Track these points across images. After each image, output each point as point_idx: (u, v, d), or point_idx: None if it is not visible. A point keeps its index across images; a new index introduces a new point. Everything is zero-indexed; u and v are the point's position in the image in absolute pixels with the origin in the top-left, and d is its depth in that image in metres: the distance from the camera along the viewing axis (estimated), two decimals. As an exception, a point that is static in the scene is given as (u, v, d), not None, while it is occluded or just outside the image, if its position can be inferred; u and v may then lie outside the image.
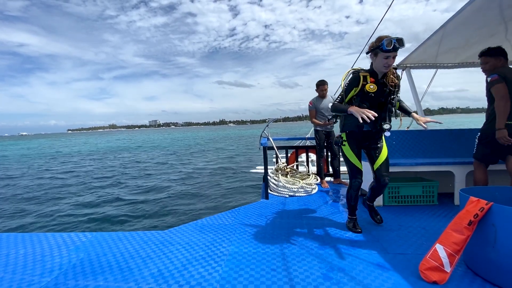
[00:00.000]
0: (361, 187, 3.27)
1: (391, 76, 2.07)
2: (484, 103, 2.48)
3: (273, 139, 4.47)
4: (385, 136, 2.12)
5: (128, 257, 1.89)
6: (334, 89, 5.06)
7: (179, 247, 2.03)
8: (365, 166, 3.08)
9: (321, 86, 3.82)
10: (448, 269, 1.47)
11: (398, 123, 4.64)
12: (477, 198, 1.49)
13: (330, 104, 3.86)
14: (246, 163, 12.82)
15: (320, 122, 3.88)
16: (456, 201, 2.89)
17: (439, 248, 1.52)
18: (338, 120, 3.29)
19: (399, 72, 4.34)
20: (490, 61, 2.35)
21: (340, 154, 3.98)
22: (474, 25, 2.75)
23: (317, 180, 3.90)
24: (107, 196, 7.29)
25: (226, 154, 16.84)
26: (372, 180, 2.30)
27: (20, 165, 15.24)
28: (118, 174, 10.94)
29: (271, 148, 4.30)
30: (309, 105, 3.96)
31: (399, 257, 1.79)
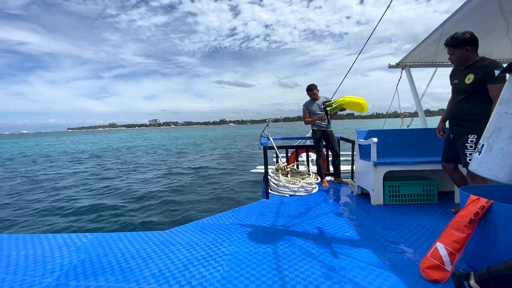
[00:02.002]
0: (362, 186, 3.31)
1: None
2: None
3: (273, 139, 4.47)
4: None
5: (129, 257, 1.89)
6: (333, 89, 5.13)
7: (180, 247, 2.03)
8: (366, 165, 3.10)
9: (310, 91, 3.99)
10: (449, 267, 1.47)
11: (399, 122, 4.66)
12: (478, 197, 1.49)
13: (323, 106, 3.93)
14: (246, 162, 12.82)
15: (310, 119, 4.02)
16: (457, 199, 2.89)
17: (440, 247, 1.52)
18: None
19: (398, 70, 4.33)
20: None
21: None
22: (473, 22, 2.75)
23: (318, 179, 3.91)
24: (107, 197, 7.29)
25: (226, 154, 16.85)
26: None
27: (19, 163, 15.26)
28: (118, 174, 10.94)
29: (271, 147, 4.30)
30: (302, 107, 4.14)
31: (400, 256, 1.79)
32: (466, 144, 2.13)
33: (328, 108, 3.66)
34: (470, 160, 2.07)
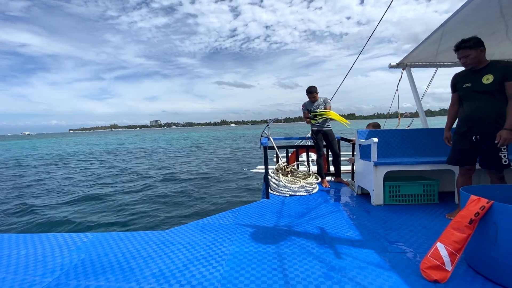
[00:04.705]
0: (362, 186, 3.31)
1: None
2: None
3: (274, 139, 4.47)
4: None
5: (129, 257, 1.89)
6: (334, 90, 5.09)
7: (180, 247, 2.03)
8: (367, 165, 3.09)
9: (310, 94, 4.04)
10: (449, 267, 1.47)
11: (396, 122, 4.65)
12: (478, 197, 1.49)
13: (321, 106, 4.01)
14: (246, 163, 12.82)
15: (307, 119, 4.16)
16: (457, 199, 2.89)
17: (440, 247, 1.52)
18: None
19: (398, 70, 4.33)
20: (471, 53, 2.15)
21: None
22: (474, 23, 2.75)
23: (318, 179, 3.91)
24: (108, 197, 7.30)
25: (227, 155, 16.86)
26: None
27: (21, 164, 15.29)
28: (119, 174, 10.95)
29: (272, 147, 4.30)
30: (302, 107, 4.24)
31: (400, 256, 1.79)
32: (501, 147, 2.08)
33: (312, 121, 4.01)
34: (506, 162, 2.11)
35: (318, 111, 3.95)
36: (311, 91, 3.99)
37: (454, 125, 2.49)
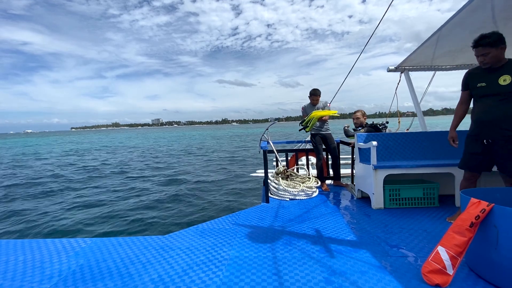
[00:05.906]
0: (362, 189, 3.30)
1: None
2: None
3: (273, 143, 4.47)
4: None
5: (128, 262, 1.88)
6: (335, 89, 5.09)
7: (179, 252, 2.02)
8: (366, 169, 3.09)
9: (313, 96, 4.03)
10: (450, 271, 1.46)
11: (402, 122, 4.66)
12: (478, 200, 1.49)
13: (320, 109, 4.00)
14: (246, 166, 12.81)
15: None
16: (457, 202, 2.88)
17: (441, 251, 1.51)
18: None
19: (397, 74, 4.36)
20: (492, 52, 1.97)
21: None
22: (470, 27, 2.77)
23: (318, 183, 3.90)
24: (106, 201, 7.26)
25: (226, 157, 16.84)
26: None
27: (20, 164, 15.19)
28: (118, 178, 10.92)
29: (271, 151, 4.30)
30: (301, 110, 4.24)
31: (401, 260, 1.78)
32: None
33: (306, 130, 3.96)
34: None
35: (306, 119, 3.93)
36: (316, 93, 3.99)
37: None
